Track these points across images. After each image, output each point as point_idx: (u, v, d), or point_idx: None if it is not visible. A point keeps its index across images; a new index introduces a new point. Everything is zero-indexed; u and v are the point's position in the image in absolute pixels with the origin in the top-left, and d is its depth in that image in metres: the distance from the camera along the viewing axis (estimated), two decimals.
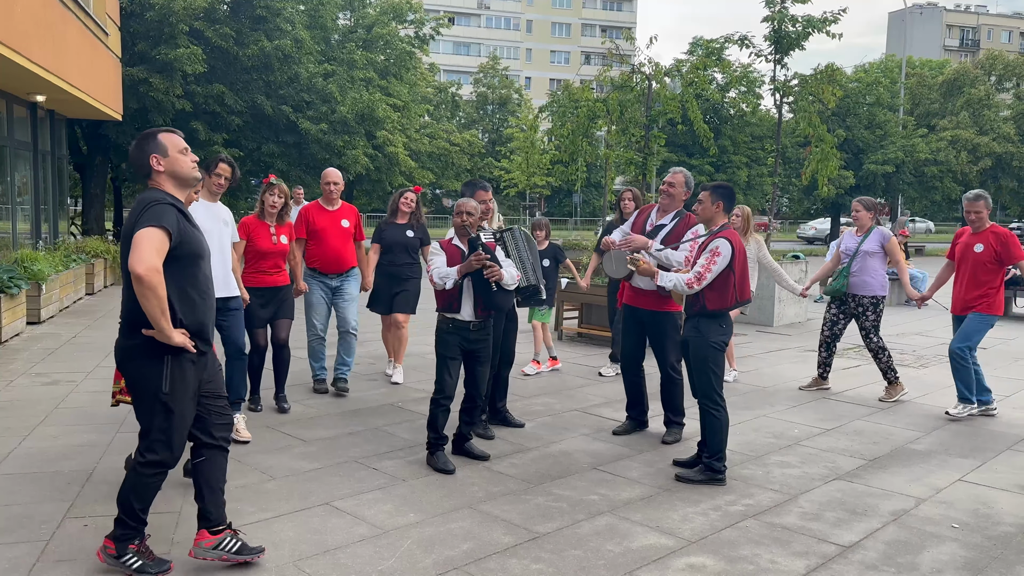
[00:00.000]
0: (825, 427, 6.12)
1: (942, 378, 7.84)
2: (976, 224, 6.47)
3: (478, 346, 5.04)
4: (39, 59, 10.38)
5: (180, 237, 3.29)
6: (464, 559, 3.69)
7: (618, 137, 17.24)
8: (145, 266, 3.13)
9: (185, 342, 3.28)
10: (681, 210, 5.62)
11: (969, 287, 6.47)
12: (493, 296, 4.91)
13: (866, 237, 7.07)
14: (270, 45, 20.26)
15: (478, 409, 5.23)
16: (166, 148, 3.42)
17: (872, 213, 7.14)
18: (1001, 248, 6.34)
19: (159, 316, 3.19)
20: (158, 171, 3.40)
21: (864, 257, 7.03)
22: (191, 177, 3.47)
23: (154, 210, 3.24)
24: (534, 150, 26.01)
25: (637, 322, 5.71)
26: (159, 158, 3.40)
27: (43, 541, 3.76)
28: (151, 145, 3.41)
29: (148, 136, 3.44)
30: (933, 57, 56.59)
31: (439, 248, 5.02)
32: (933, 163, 35.72)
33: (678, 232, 5.48)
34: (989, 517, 4.36)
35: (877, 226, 7.14)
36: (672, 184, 5.53)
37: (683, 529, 4.10)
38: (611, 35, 69.69)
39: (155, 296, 3.16)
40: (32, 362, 7.81)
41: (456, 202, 5.18)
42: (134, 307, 3.28)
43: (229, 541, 3.55)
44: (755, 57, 15.95)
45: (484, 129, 47.12)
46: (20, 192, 13.19)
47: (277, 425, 5.79)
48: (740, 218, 7.69)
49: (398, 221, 7.16)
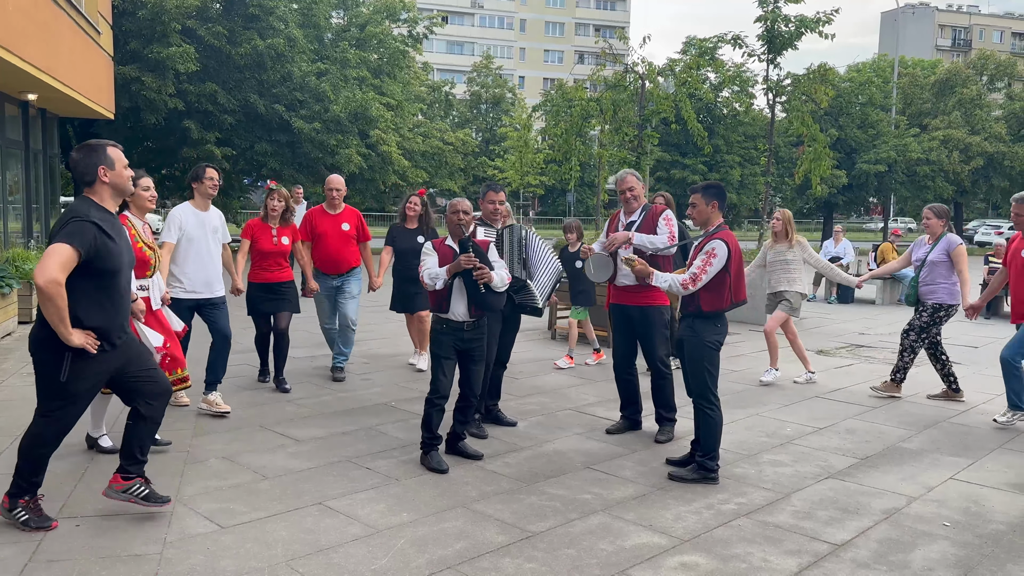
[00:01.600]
0: (817, 426, 6.14)
1: (933, 376, 7.86)
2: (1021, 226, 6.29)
3: (472, 345, 5.04)
4: (30, 57, 10.34)
5: (93, 254, 3.60)
6: (457, 558, 3.69)
7: (611, 136, 17.26)
8: (45, 278, 3.47)
9: (84, 342, 3.63)
10: (646, 204, 5.82)
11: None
12: (483, 297, 4.91)
13: (934, 246, 6.89)
14: (263, 44, 20.21)
15: (472, 408, 5.23)
16: (113, 162, 3.77)
17: (944, 220, 6.94)
18: None
19: (57, 321, 3.55)
20: (103, 182, 3.74)
21: (931, 267, 6.86)
22: (127, 191, 3.90)
23: (73, 227, 3.57)
24: (528, 149, 26.04)
25: (626, 320, 5.73)
26: (107, 170, 3.74)
27: (35, 541, 3.75)
28: (100, 157, 3.74)
29: (97, 147, 3.77)
30: (925, 57, 56.77)
31: (431, 248, 5.00)
32: (925, 163, 35.87)
33: (648, 221, 5.67)
34: (980, 515, 4.38)
35: (948, 233, 6.94)
36: (632, 188, 5.77)
37: (676, 528, 4.11)
38: (605, 34, 69.71)
39: (53, 305, 3.51)
40: (24, 362, 7.78)
41: (449, 201, 5.19)
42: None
43: (138, 487, 3.99)
44: (748, 57, 15.97)
45: (478, 128, 47.07)
46: (11, 191, 13.13)
47: (270, 425, 5.79)
48: (781, 221, 7.72)
49: (407, 226, 7.51)
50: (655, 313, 5.62)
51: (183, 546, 3.73)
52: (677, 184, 34.20)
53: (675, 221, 5.76)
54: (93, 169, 3.71)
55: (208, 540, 3.81)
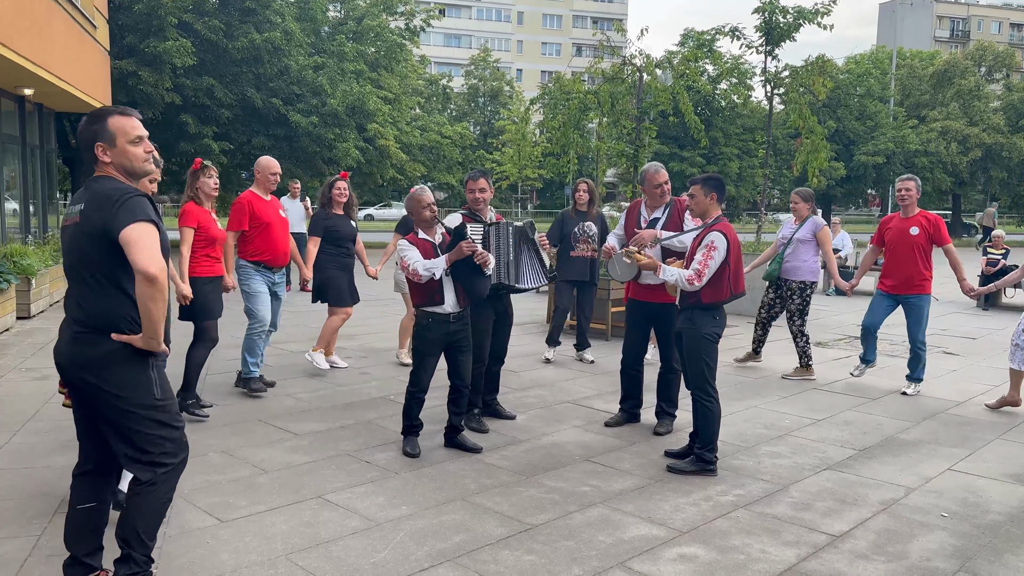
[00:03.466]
0: (816, 417, 6.15)
1: (932, 368, 7.88)
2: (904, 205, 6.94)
3: (459, 337, 5.05)
4: (25, 52, 10.30)
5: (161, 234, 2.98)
6: (457, 551, 3.70)
7: (609, 129, 17.21)
8: (158, 266, 2.79)
9: (165, 348, 3.08)
10: (669, 200, 5.73)
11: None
12: (474, 283, 4.91)
13: (800, 226, 7.49)
14: (260, 38, 20.15)
15: (464, 398, 5.23)
16: (114, 137, 2.96)
17: (810, 204, 7.62)
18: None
19: (160, 320, 2.85)
20: (104, 162, 2.98)
21: (796, 245, 7.45)
22: (141, 172, 3.05)
23: (134, 203, 2.86)
24: (525, 142, 25.98)
25: (645, 317, 5.70)
26: (105, 148, 2.96)
27: (34, 536, 3.75)
28: (98, 133, 2.96)
29: (96, 119, 2.98)
30: (923, 48, 56.69)
31: (408, 244, 4.93)
32: (923, 154, 35.87)
33: (675, 219, 5.62)
34: (978, 506, 4.39)
35: (812, 216, 7.56)
36: (668, 181, 5.73)
37: (674, 519, 4.12)
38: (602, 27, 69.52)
39: (163, 299, 2.83)
40: (22, 357, 7.77)
41: (412, 194, 5.03)
42: (101, 310, 2.92)
43: None
44: (746, 49, 15.94)
45: (475, 121, 46.97)
46: (9, 186, 13.11)
47: (269, 419, 5.79)
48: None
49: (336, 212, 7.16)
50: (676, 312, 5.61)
51: (183, 540, 3.74)
52: (675, 177, 34.18)
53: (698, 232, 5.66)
54: (90, 146, 2.97)
55: (207, 534, 3.81)
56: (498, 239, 5.45)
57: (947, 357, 8.77)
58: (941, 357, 8.61)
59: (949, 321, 11.56)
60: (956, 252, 6.92)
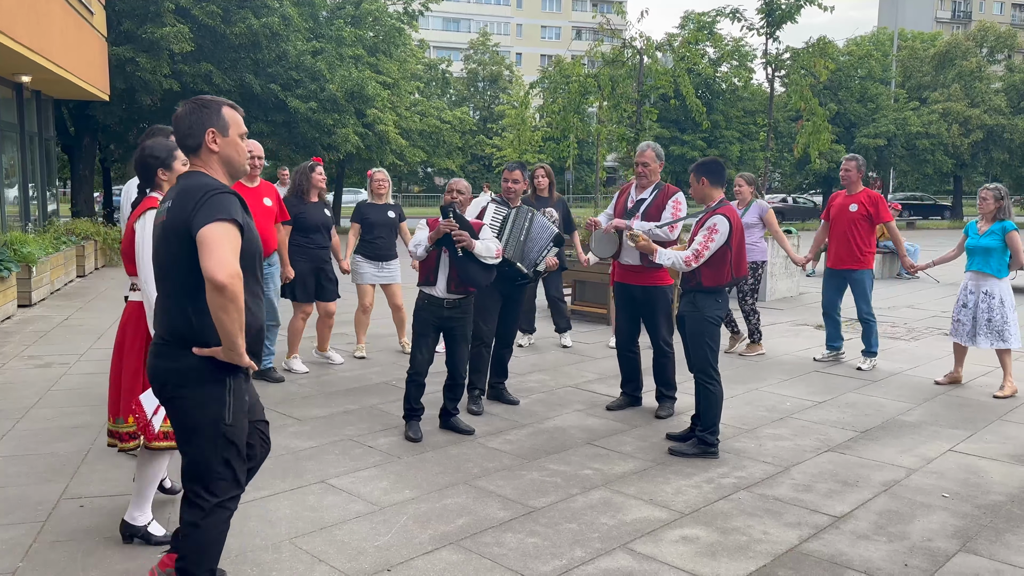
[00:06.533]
0: (817, 400, 6.16)
1: (932, 350, 7.89)
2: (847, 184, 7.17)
3: (452, 324, 5.07)
4: (23, 39, 10.25)
5: (247, 235, 2.69)
6: (460, 534, 3.71)
7: (609, 113, 17.15)
8: (228, 271, 2.50)
9: (251, 362, 2.71)
10: (659, 182, 5.72)
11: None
12: (468, 269, 4.91)
13: (746, 210, 7.74)
14: (258, 23, 20.03)
15: (460, 388, 5.27)
16: (227, 126, 2.77)
17: (752, 187, 7.92)
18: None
19: (237, 332, 2.57)
20: (211, 151, 2.75)
21: (746, 228, 7.51)
22: (243, 169, 2.85)
23: (220, 200, 2.61)
24: (525, 127, 25.90)
25: (629, 298, 5.73)
26: (217, 135, 2.75)
27: (39, 522, 3.77)
28: (212, 117, 2.75)
29: (209, 104, 2.77)
30: (925, 29, 56.31)
31: (424, 224, 5.06)
32: (925, 136, 35.73)
33: (658, 203, 5.59)
34: (979, 486, 4.41)
35: (757, 199, 7.87)
36: (646, 163, 5.65)
37: (676, 501, 4.13)
38: (602, 9, 69.20)
39: (236, 308, 2.53)
40: (24, 344, 7.79)
41: (449, 181, 5.30)
42: (182, 320, 2.67)
43: None
44: (747, 31, 15.86)
45: (475, 106, 46.80)
46: (8, 174, 13.08)
47: (271, 405, 5.80)
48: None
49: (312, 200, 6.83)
50: (658, 293, 5.61)
51: None
52: (676, 160, 34.09)
53: (685, 206, 5.63)
54: (200, 130, 2.72)
55: None
56: (514, 223, 5.48)
57: (947, 339, 8.76)
58: (941, 339, 8.61)
59: (950, 303, 11.55)
60: (897, 230, 7.44)
